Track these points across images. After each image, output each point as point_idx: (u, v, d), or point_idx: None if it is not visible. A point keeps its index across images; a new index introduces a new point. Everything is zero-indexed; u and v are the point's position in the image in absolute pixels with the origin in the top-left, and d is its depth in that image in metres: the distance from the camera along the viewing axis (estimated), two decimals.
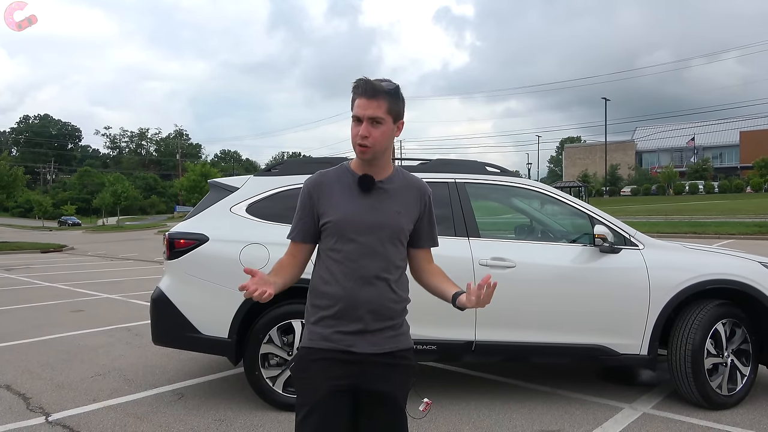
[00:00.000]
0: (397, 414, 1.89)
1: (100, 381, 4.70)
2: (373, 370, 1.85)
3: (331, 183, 1.92)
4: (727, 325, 3.95)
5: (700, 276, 3.92)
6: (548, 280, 3.98)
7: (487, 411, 3.90)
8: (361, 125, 1.82)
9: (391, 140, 1.89)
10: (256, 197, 4.17)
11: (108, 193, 53.02)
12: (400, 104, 1.86)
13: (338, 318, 1.86)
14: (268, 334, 3.90)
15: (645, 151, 79.88)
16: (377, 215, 1.88)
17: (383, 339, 1.87)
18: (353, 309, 1.84)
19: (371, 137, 1.81)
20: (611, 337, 3.91)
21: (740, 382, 3.96)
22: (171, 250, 4.07)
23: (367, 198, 1.89)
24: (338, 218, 1.87)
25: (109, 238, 33.93)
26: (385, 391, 1.87)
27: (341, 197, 1.89)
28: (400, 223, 1.90)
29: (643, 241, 4.08)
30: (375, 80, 1.83)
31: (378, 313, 1.86)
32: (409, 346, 1.95)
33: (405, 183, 1.96)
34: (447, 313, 3.89)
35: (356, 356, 1.84)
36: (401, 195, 1.93)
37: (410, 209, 1.94)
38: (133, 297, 9.49)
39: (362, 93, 1.81)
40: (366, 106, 1.80)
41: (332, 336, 1.86)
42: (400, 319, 1.93)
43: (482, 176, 4.29)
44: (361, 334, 1.85)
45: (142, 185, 79.80)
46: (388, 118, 1.84)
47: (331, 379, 1.83)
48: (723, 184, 54.46)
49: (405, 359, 1.92)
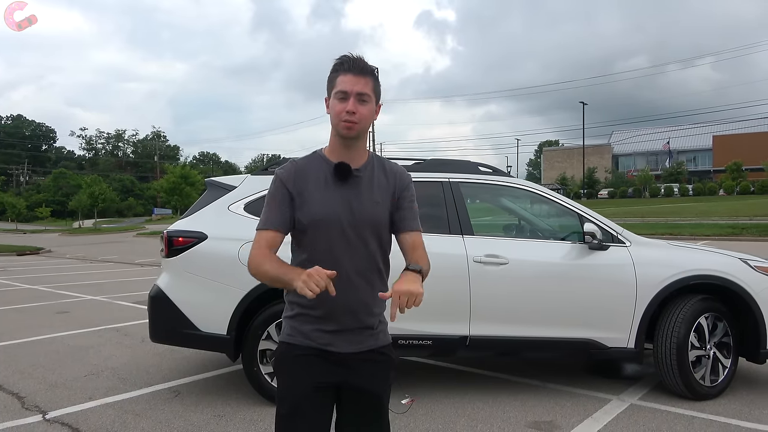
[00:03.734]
0: (378, 409, 1.88)
1: (94, 380, 4.69)
2: (354, 367, 1.83)
3: (305, 173, 1.82)
4: (710, 318, 4.11)
5: (684, 272, 4.09)
6: (540, 276, 4.10)
7: (481, 404, 4.00)
8: (347, 102, 1.74)
9: (371, 122, 1.84)
10: (254, 195, 4.22)
11: (85, 195, 52.09)
12: (379, 85, 1.83)
13: (319, 316, 1.80)
14: (266, 330, 3.95)
15: (621, 154, 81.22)
16: (355, 209, 1.79)
17: (363, 338, 1.84)
18: (332, 308, 1.78)
19: (358, 113, 1.75)
20: (600, 331, 4.05)
21: (722, 374, 4.13)
22: (169, 248, 4.10)
23: (344, 188, 1.80)
24: (315, 212, 1.78)
25: (86, 240, 33.37)
26: (366, 388, 1.85)
27: (316, 188, 1.80)
28: (378, 215, 1.82)
29: (629, 238, 4.23)
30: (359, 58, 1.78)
31: (358, 312, 1.81)
32: (388, 342, 1.91)
33: (381, 169, 1.88)
34: (442, 309, 4.02)
35: (336, 356, 1.81)
36: (377, 183, 1.85)
37: (387, 197, 1.85)
38: (118, 298, 9.41)
39: (349, 69, 1.75)
40: (354, 82, 1.74)
41: (312, 334, 1.81)
42: (378, 318, 1.88)
43: (475, 176, 4.40)
44: (341, 333, 1.81)
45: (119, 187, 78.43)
46: (373, 97, 1.79)
47: (313, 376, 1.80)
48: (697, 187, 55.63)
49: (384, 355, 1.89)
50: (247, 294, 3.94)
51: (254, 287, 3.94)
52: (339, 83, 1.76)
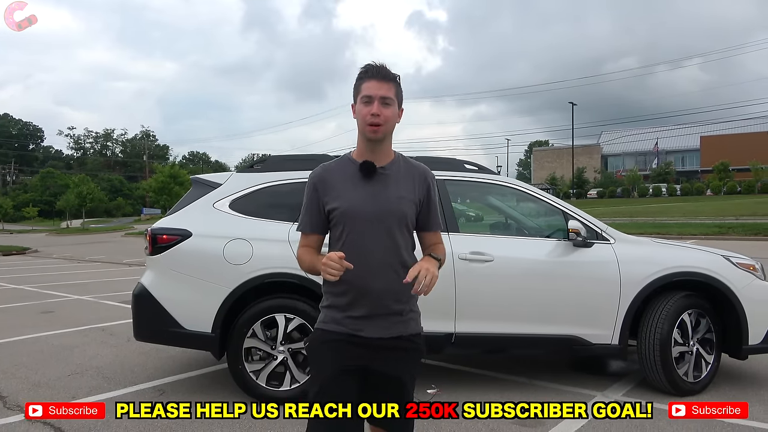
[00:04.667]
0: (402, 396, 1.97)
1: (78, 379, 4.65)
2: (381, 353, 1.94)
3: (334, 174, 1.98)
4: (693, 315, 4.15)
5: (667, 269, 4.12)
6: (525, 274, 4.12)
7: (468, 401, 4.00)
8: (372, 105, 1.89)
9: (395, 124, 1.98)
10: (239, 193, 4.21)
11: (73, 195, 51.61)
12: (401, 91, 1.98)
13: (349, 303, 1.94)
14: (251, 328, 3.93)
15: (610, 154, 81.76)
16: (381, 202, 1.93)
17: (391, 324, 1.95)
18: (362, 295, 1.92)
19: (383, 115, 1.90)
20: (584, 327, 4.07)
21: (705, 370, 4.17)
22: (154, 246, 4.07)
23: (370, 184, 1.95)
24: (343, 207, 1.93)
25: (73, 240, 33.09)
26: (392, 374, 1.96)
27: (345, 186, 1.95)
28: (403, 209, 1.96)
29: (614, 235, 4.26)
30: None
31: (386, 299, 1.93)
32: (417, 331, 2.02)
33: (406, 168, 2.02)
34: (428, 306, 4.00)
35: (365, 340, 1.93)
36: (403, 180, 1.99)
37: (412, 194, 1.99)
38: (104, 298, 9.33)
39: (373, 75, 1.91)
40: (378, 87, 1.89)
41: (343, 320, 1.95)
42: (408, 305, 2.00)
43: (461, 173, 4.41)
44: (370, 318, 1.93)
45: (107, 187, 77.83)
46: (395, 101, 1.94)
47: (341, 360, 1.92)
48: (685, 187, 56.11)
49: (413, 343, 2.00)
50: (232, 292, 3.92)
51: (239, 285, 3.93)
52: (364, 89, 1.91)
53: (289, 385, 3.91)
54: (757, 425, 3.43)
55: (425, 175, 2.04)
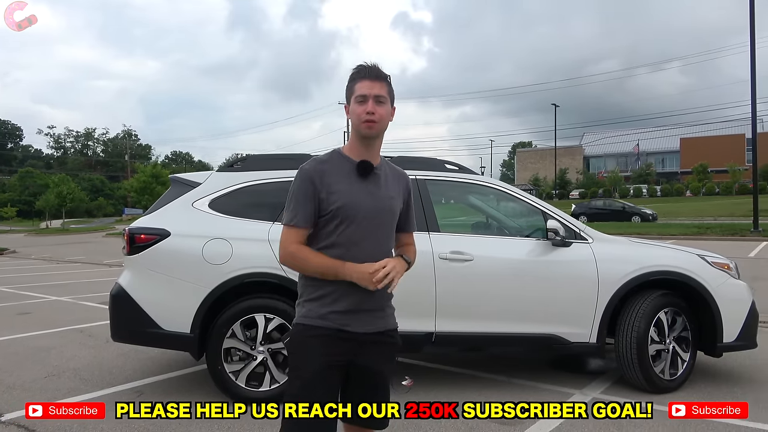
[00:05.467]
0: (383, 388, 2.04)
1: (55, 381, 4.58)
2: (364, 347, 1.98)
3: (331, 169, 1.99)
4: (669, 313, 4.21)
5: (644, 268, 4.18)
6: (504, 273, 4.15)
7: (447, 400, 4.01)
8: (366, 104, 1.93)
9: (388, 123, 2.02)
10: (219, 192, 4.18)
11: (53, 195, 50.80)
12: (393, 91, 2.04)
13: (334, 298, 1.96)
14: (231, 328, 3.91)
15: (592, 156, 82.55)
16: (377, 200, 1.99)
17: (375, 319, 2.01)
18: (348, 290, 1.94)
19: (377, 113, 1.94)
20: (563, 326, 4.11)
21: (681, 368, 4.23)
22: (131, 245, 4.03)
23: (366, 183, 1.99)
24: (344, 202, 1.94)
25: (53, 241, 32.58)
26: (374, 367, 2.01)
27: (343, 182, 1.97)
28: (394, 208, 2.04)
29: (592, 235, 4.31)
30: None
31: (370, 295, 1.96)
32: (395, 326, 2.09)
33: (391, 170, 2.11)
34: (408, 305, 4.01)
35: (352, 335, 1.96)
36: (391, 181, 2.07)
37: (399, 195, 2.08)
38: (83, 299, 9.21)
39: (366, 75, 1.96)
40: (371, 86, 1.94)
41: (328, 315, 1.96)
42: (388, 301, 2.07)
43: (442, 173, 4.43)
44: (356, 313, 1.96)
45: (88, 187, 76.66)
46: (388, 100, 1.99)
47: (328, 354, 1.93)
48: (665, 188, 56.89)
49: (392, 338, 2.07)
50: (211, 292, 3.90)
51: (218, 285, 3.90)
52: (358, 89, 1.95)
53: (268, 386, 3.89)
54: (731, 422, 3.48)
55: (407, 178, 2.14)
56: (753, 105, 20.31)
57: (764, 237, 18.84)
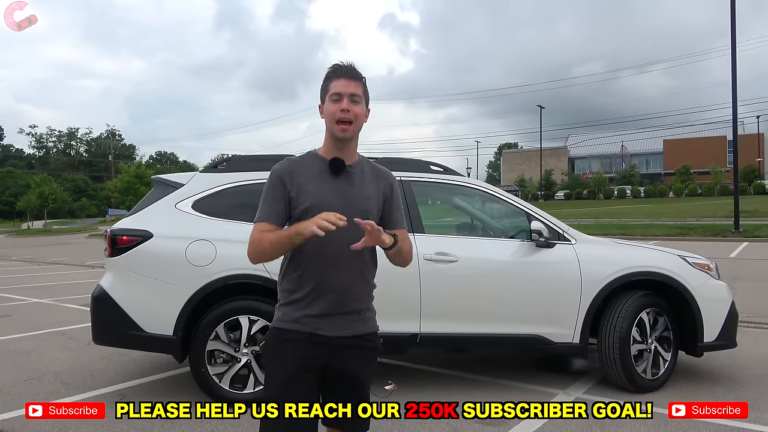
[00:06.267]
0: (360, 395, 1.98)
1: (35, 384, 4.52)
2: (340, 351, 1.93)
3: (302, 168, 1.96)
4: (651, 313, 4.26)
5: (626, 268, 4.22)
6: (489, 274, 4.17)
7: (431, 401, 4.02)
8: (341, 102, 1.90)
9: (362, 125, 1.98)
10: (203, 194, 4.15)
11: (34, 195, 50.12)
12: (368, 91, 2.00)
13: (308, 301, 1.92)
14: (214, 330, 3.88)
15: (577, 157, 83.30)
16: (349, 200, 1.94)
17: (351, 322, 1.95)
18: (324, 292, 1.91)
19: (352, 111, 1.91)
20: (546, 326, 4.14)
21: (662, 367, 4.28)
22: (113, 247, 3.99)
23: (338, 182, 1.95)
24: (312, 202, 1.90)
25: (35, 242, 32.15)
26: (350, 372, 1.96)
27: (313, 182, 1.94)
28: (369, 208, 1.97)
29: (575, 236, 4.34)
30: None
31: (346, 298, 1.93)
32: (374, 330, 2.03)
33: (370, 169, 2.05)
34: (392, 307, 4.02)
35: (325, 339, 1.92)
36: (368, 180, 2.01)
37: (377, 194, 2.01)
38: (65, 301, 9.09)
39: (342, 74, 1.93)
40: (347, 85, 1.92)
41: (302, 319, 1.92)
42: (366, 304, 2.01)
43: (427, 174, 4.44)
44: (329, 317, 1.92)
45: (71, 187, 75.79)
46: (363, 100, 1.96)
47: (301, 358, 1.90)
48: (648, 190, 57.62)
49: (371, 342, 2.01)
50: (195, 293, 3.87)
51: (202, 287, 3.88)
52: (332, 87, 1.92)
53: (252, 388, 3.87)
54: (710, 422, 3.52)
55: (388, 176, 2.08)
56: (734, 107, 20.62)
57: (745, 238, 19.14)
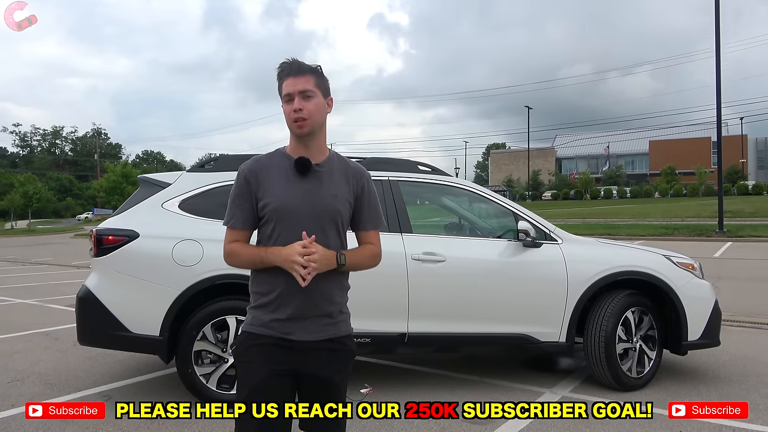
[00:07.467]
0: (334, 398, 1.92)
1: (19, 386, 4.47)
2: (311, 355, 1.88)
3: (268, 168, 1.91)
4: (636, 312, 4.30)
5: (612, 268, 4.26)
6: (476, 274, 4.19)
7: (419, 401, 4.03)
8: (292, 102, 1.86)
9: (325, 116, 1.94)
10: (190, 193, 4.13)
11: (18, 195, 49.50)
12: (325, 81, 1.94)
13: (277, 305, 1.87)
14: (201, 330, 3.87)
15: (564, 157, 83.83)
16: (315, 199, 1.88)
17: (321, 326, 1.90)
18: (292, 296, 1.85)
19: (305, 109, 1.86)
20: (533, 325, 4.17)
21: (647, 365, 4.33)
22: (99, 247, 3.95)
23: (305, 182, 1.89)
24: (277, 204, 1.86)
25: (19, 242, 31.75)
26: (323, 376, 1.91)
27: (278, 182, 1.89)
28: (337, 207, 1.91)
29: (561, 236, 4.38)
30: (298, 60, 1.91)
31: (316, 300, 1.87)
32: (347, 332, 1.97)
33: (341, 166, 1.97)
34: (381, 307, 4.04)
35: (294, 344, 1.87)
36: (337, 178, 1.94)
37: (347, 192, 1.94)
38: (50, 302, 8.99)
39: (289, 73, 1.88)
40: (295, 83, 1.86)
41: (270, 323, 1.88)
42: (338, 306, 1.94)
43: (415, 174, 4.45)
44: (298, 321, 1.87)
45: (56, 186, 74.87)
46: (318, 92, 1.89)
47: (271, 363, 1.86)
48: (634, 190, 58.14)
49: (344, 345, 1.95)
50: (182, 294, 3.85)
51: (189, 287, 3.85)
52: (284, 88, 1.88)
53: None
54: (695, 420, 3.56)
55: (360, 173, 2.00)
56: (718, 109, 20.86)
57: (729, 238, 19.40)
